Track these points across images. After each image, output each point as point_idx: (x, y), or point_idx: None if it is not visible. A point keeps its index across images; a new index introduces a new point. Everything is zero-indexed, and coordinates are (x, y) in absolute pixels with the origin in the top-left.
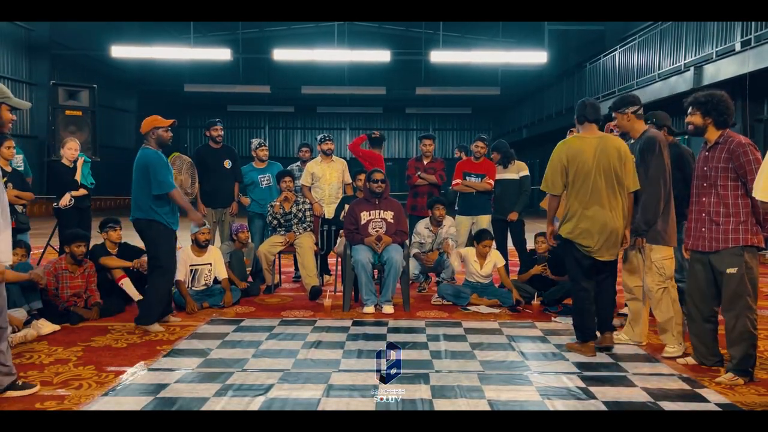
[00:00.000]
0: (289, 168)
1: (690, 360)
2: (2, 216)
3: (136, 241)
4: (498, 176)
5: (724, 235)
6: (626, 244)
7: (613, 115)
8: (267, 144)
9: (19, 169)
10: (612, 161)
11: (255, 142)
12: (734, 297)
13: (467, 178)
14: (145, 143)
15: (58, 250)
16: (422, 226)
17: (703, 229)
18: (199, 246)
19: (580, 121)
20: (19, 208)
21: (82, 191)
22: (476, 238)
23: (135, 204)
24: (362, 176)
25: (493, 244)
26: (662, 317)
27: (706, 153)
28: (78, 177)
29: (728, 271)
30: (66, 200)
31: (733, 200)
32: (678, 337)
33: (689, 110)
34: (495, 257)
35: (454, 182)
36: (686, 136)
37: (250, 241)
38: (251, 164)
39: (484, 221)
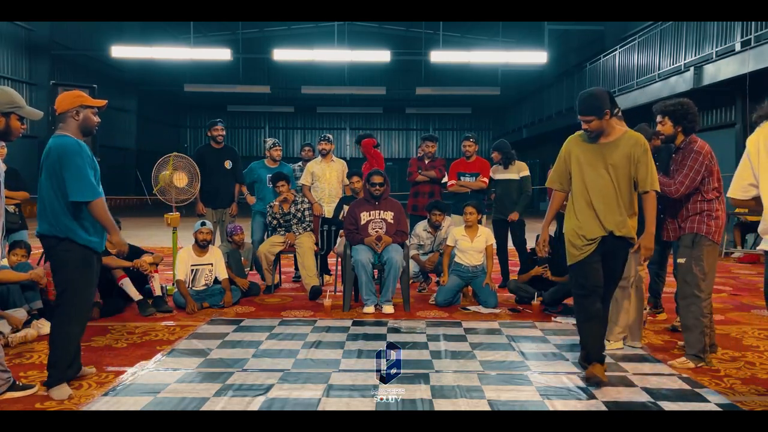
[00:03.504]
0: (291, 168)
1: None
2: None
3: (137, 241)
4: (499, 176)
5: (681, 224)
6: None
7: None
8: (281, 144)
9: None
10: None
11: (269, 141)
12: (683, 285)
13: (461, 178)
14: (61, 127)
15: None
16: (421, 228)
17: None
18: (199, 246)
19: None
20: (11, 208)
21: None
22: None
23: (42, 213)
24: (355, 178)
25: (477, 213)
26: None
27: (673, 155)
28: None
29: (678, 260)
30: None
31: (685, 196)
32: (634, 337)
33: (658, 118)
34: (485, 232)
35: (449, 183)
36: None
37: (248, 241)
38: (263, 161)
39: None
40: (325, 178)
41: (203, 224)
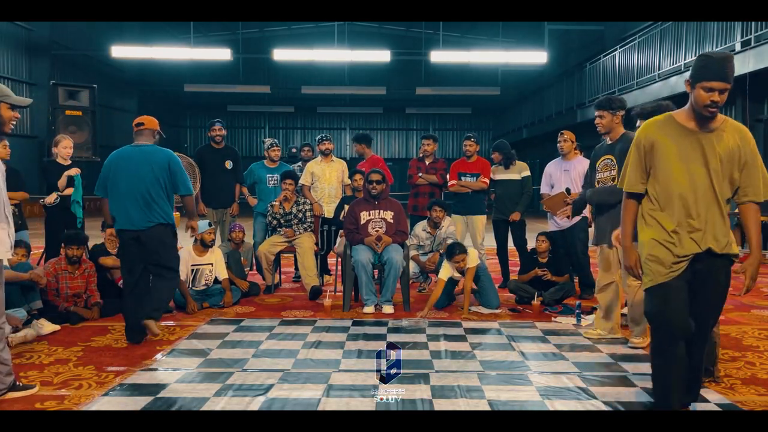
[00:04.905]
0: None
1: None
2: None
3: None
4: (499, 177)
5: None
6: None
7: (602, 113)
8: (280, 144)
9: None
10: None
11: (268, 141)
12: None
13: (462, 178)
14: (143, 139)
15: (44, 248)
16: (420, 229)
17: None
18: (205, 246)
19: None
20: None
21: (69, 190)
22: (447, 255)
23: (149, 207)
24: (358, 176)
25: (467, 256)
26: (635, 312)
27: None
28: (62, 185)
29: None
30: (51, 198)
31: None
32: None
33: (638, 123)
34: (468, 262)
35: (449, 183)
36: None
37: (248, 241)
38: (263, 162)
39: (478, 221)
40: (325, 178)
41: (210, 225)
